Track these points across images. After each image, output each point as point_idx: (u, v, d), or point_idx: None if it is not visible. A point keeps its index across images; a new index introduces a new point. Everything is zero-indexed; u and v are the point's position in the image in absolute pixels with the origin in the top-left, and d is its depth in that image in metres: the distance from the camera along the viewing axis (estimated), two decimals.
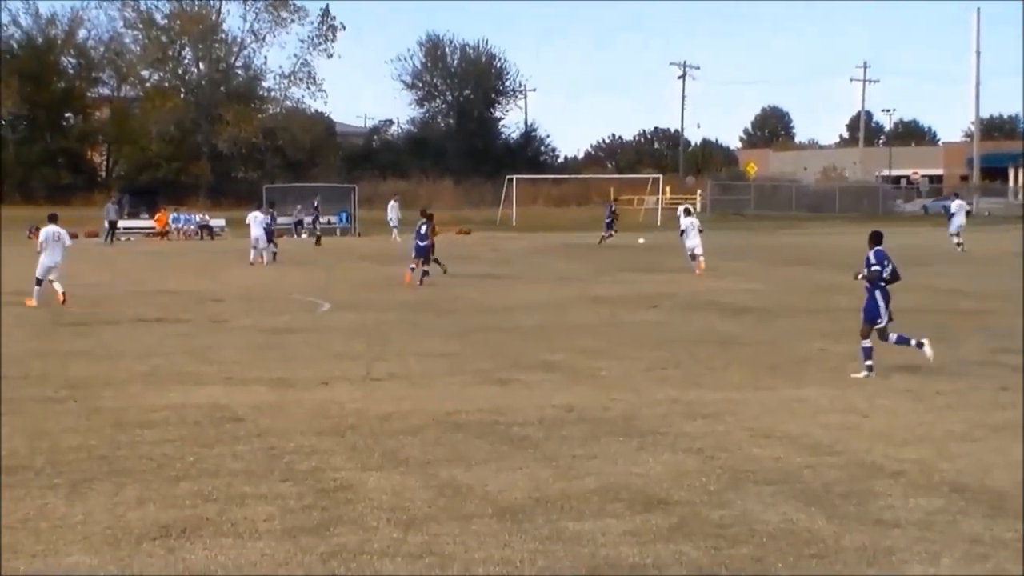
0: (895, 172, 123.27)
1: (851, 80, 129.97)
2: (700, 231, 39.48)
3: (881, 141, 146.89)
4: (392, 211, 65.42)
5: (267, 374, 17.70)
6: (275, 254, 45.29)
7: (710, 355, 19.78)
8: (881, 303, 17.80)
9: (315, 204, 67.20)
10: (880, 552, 8.99)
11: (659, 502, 10.39)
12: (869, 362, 17.45)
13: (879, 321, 17.77)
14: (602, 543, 9.20)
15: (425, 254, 34.79)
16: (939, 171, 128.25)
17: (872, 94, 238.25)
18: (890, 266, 17.92)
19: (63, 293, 27.93)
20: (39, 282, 28.29)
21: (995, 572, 8.57)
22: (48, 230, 28.85)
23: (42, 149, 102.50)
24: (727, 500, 10.49)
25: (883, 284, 17.84)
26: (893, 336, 17.92)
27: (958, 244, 49.79)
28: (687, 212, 42.86)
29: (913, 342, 17.87)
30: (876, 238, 18.36)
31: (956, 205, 53.34)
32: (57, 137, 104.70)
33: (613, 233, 56.22)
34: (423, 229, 34.96)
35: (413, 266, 34.83)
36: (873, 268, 17.82)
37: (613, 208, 59.69)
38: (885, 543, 9.20)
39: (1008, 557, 8.86)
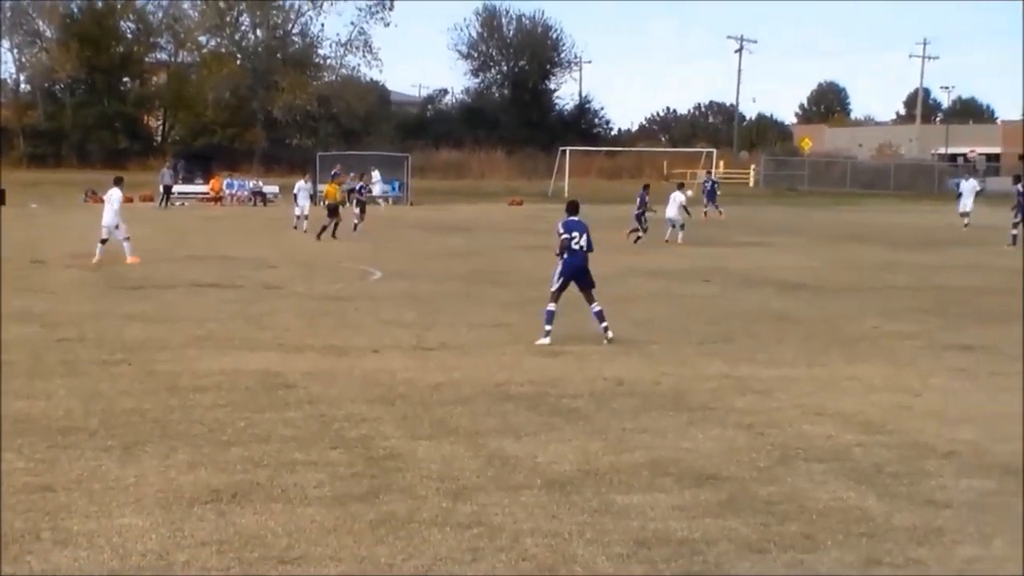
0: (951, 150, 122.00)
1: (910, 56, 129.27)
2: (684, 206, 41.35)
3: (938, 119, 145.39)
4: (377, 183, 65.87)
5: (319, 341, 17.78)
6: (356, 225, 43.60)
7: (762, 331, 19.69)
8: (558, 269, 18.21)
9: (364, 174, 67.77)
10: (931, 532, 8.93)
11: (708, 477, 10.37)
12: (548, 327, 17.98)
13: (551, 285, 18.21)
14: (651, 517, 9.19)
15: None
16: (996, 149, 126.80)
17: (931, 71, 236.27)
18: (584, 236, 18.07)
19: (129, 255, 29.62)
20: (126, 239, 30.22)
21: None
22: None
23: (100, 113, 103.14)
24: (777, 477, 10.45)
25: (575, 252, 18.05)
26: (595, 307, 18.29)
27: (965, 224, 48.36)
28: (679, 187, 44.03)
29: (602, 326, 18.14)
30: (571, 208, 18.78)
31: (967, 186, 51.90)
32: (114, 102, 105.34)
33: (644, 230, 41.27)
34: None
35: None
36: (562, 237, 18.12)
37: (646, 197, 41.87)
38: (936, 523, 9.14)
39: None
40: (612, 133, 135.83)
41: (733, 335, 19.13)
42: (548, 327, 18.02)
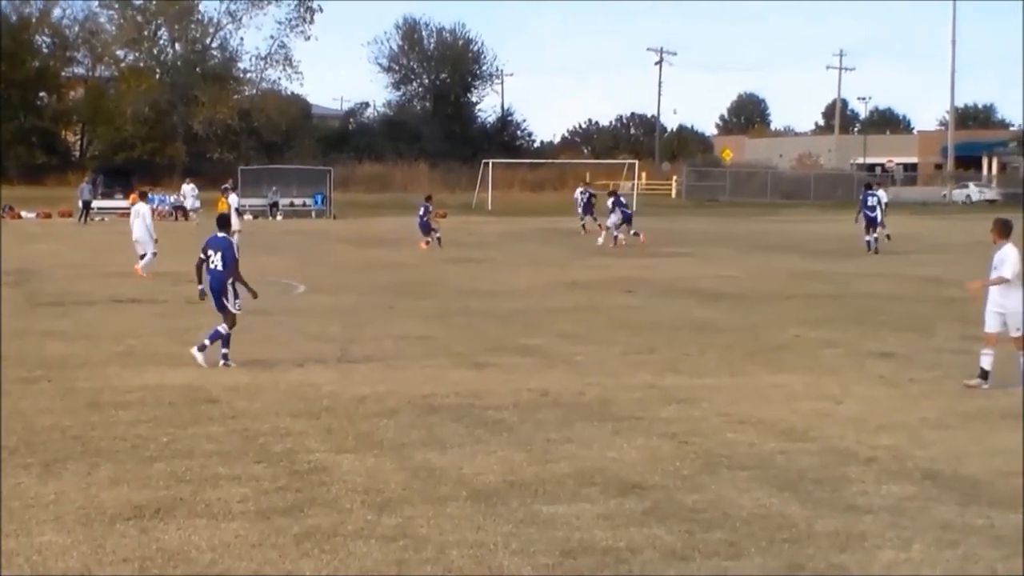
0: (870, 160, 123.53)
1: (827, 68, 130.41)
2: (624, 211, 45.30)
3: (856, 129, 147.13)
4: (189, 195, 66.06)
5: (242, 356, 17.64)
6: (439, 239, 42.84)
7: (686, 340, 19.81)
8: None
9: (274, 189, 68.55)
10: (852, 537, 9.03)
11: (633, 486, 10.42)
12: (223, 349, 16.96)
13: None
14: (576, 526, 9.22)
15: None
16: (914, 159, 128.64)
17: (848, 82, 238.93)
18: (219, 254, 17.15)
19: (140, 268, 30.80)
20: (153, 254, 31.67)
21: (965, 558, 8.62)
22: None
23: (16, 128, 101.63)
24: (701, 485, 10.52)
25: (212, 272, 17.24)
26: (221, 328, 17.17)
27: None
28: (612, 193, 47.36)
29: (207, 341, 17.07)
30: (220, 223, 18.07)
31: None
32: (31, 116, 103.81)
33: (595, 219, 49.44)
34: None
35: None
36: (199, 257, 17.43)
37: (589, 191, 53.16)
38: (857, 528, 9.25)
39: (979, 543, 8.91)
40: (535, 145, 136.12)
41: (657, 345, 19.23)
42: (223, 349, 16.98)
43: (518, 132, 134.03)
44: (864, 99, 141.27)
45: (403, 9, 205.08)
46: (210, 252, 17.32)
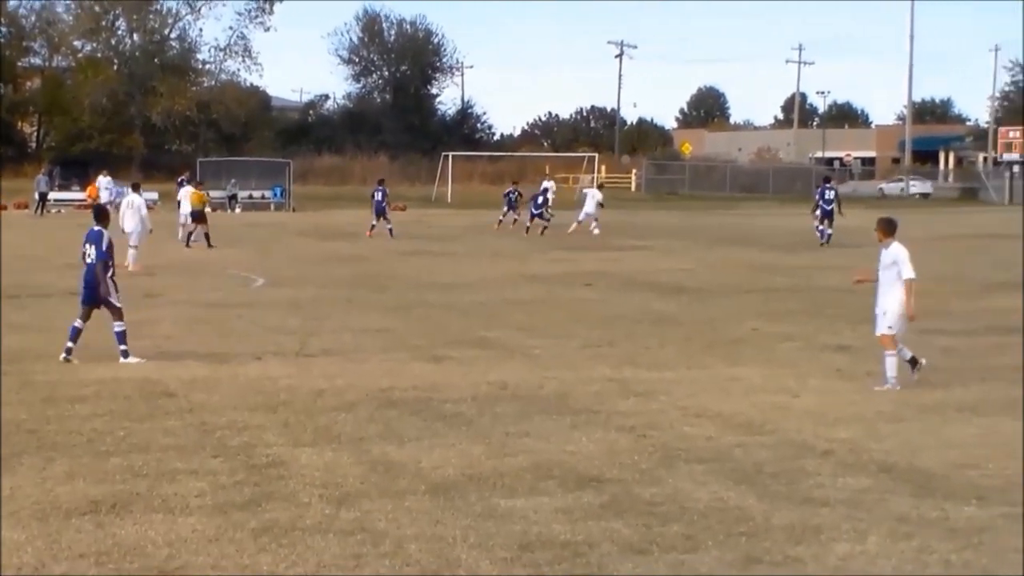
0: (828, 154, 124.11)
1: (787, 62, 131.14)
2: (600, 203, 47.86)
3: (815, 123, 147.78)
4: (103, 187, 65.76)
5: (200, 349, 17.60)
6: (391, 230, 44.17)
7: (645, 334, 19.87)
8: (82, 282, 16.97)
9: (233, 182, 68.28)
10: (809, 530, 9.09)
11: (591, 480, 10.45)
12: (69, 343, 16.60)
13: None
14: (534, 520, 9.24)
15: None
16: (872, 153, 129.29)
17: (807, 76, 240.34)
18: (93, 247, 16.68)
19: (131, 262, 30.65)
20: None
21: (920, 550, 8.68)
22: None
23: None
24: (659, 478, 10.56)
25: (87, 265, 16.87)
26: (117, 326, 16.72)
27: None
28: (599, 187, 51.94)
29: (120, 348, 16.68)
30: (96, 214, 17.42)
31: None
32: None
33: (547, 216, 48.02)
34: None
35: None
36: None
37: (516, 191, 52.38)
38: (814, 521, 9.30)
39: (933, 535, 8.98)
40: (495, 138, 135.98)
41: (615, 338, 19.28)
42: (69, 343, 16.59)
43: (478, 125, 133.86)
44: (823, 93, 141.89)
45: (363, 1, 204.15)
46: (86, 246, 16.91)
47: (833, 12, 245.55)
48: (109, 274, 16.89)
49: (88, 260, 16.90)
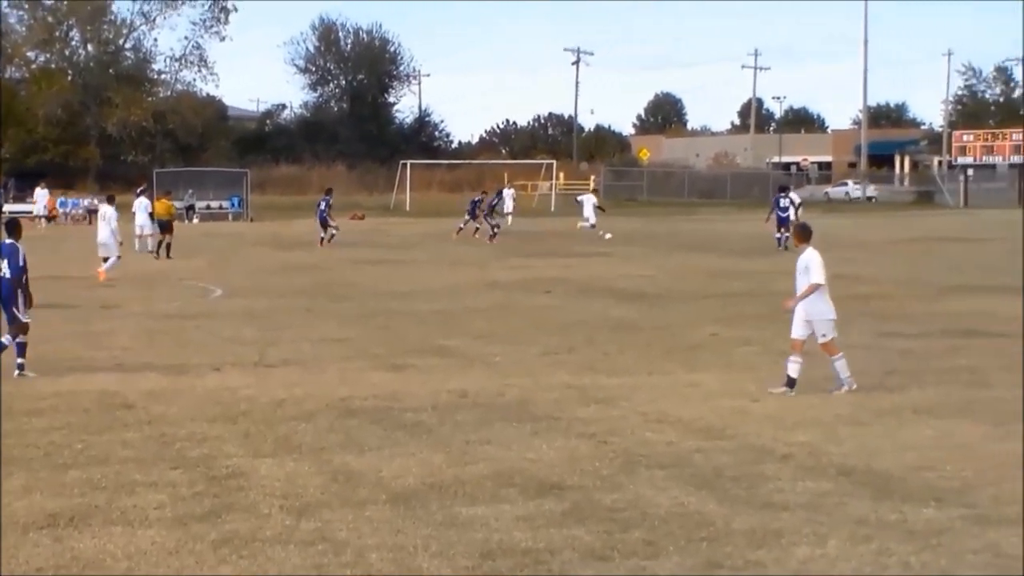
0: (785, 159, 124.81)
1: (743, 67, 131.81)
2: (596, 206, 52.38)
3: (772, 128, 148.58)
4: (40, 199, 66.17)
5: (158, 360, 17.51)
6: (333, 236, 45.27)
7: (604, 340, 19.90)
8: None
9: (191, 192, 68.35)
10: (769, 534, 9.12)
11: (552, 487, 10.45)
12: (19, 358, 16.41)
13: None
14: (495, 528, 9.23)
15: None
16: (828, 158, 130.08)
17: (763, 82, 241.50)
18: (5, 262, 16.44)
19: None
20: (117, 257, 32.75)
21: (879, 552, 8.73)
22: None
23: None
24: (619, 484, 10.57)
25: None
26: (18, 338, 16.51)
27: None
28: (594, 191, 55.64)
29: (18, 362, 16.37)
30: (9, 228, 17.08)
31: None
32: None
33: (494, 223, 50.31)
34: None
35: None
36: None
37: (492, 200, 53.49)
38: (774, 526, 9.34)
39: (892, 538, 9.03)
40: (453, 146, 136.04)
41: (575, 345, 19.31)
42: (19, 359, 16.37)
43: (436, 133, 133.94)
44: (779, 98, 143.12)
45: (319, 9, 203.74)
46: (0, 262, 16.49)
47: (788, 17, 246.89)
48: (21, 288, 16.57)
49: (2, 274, 16.47)
